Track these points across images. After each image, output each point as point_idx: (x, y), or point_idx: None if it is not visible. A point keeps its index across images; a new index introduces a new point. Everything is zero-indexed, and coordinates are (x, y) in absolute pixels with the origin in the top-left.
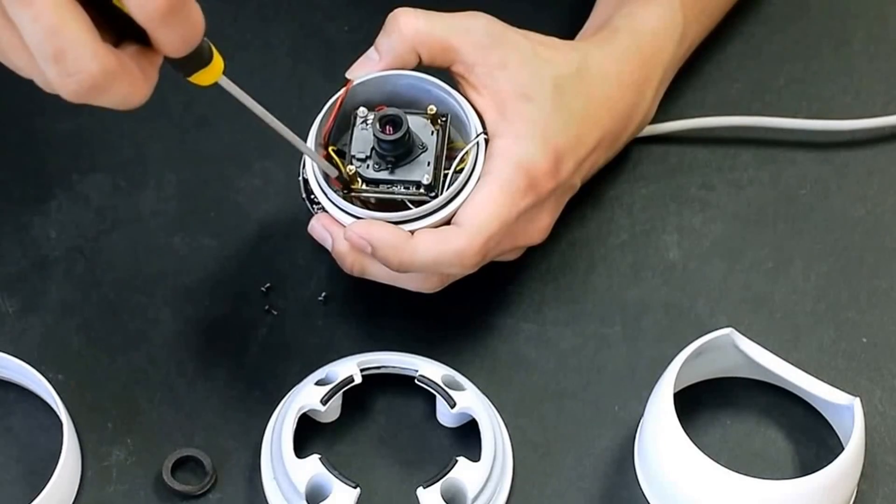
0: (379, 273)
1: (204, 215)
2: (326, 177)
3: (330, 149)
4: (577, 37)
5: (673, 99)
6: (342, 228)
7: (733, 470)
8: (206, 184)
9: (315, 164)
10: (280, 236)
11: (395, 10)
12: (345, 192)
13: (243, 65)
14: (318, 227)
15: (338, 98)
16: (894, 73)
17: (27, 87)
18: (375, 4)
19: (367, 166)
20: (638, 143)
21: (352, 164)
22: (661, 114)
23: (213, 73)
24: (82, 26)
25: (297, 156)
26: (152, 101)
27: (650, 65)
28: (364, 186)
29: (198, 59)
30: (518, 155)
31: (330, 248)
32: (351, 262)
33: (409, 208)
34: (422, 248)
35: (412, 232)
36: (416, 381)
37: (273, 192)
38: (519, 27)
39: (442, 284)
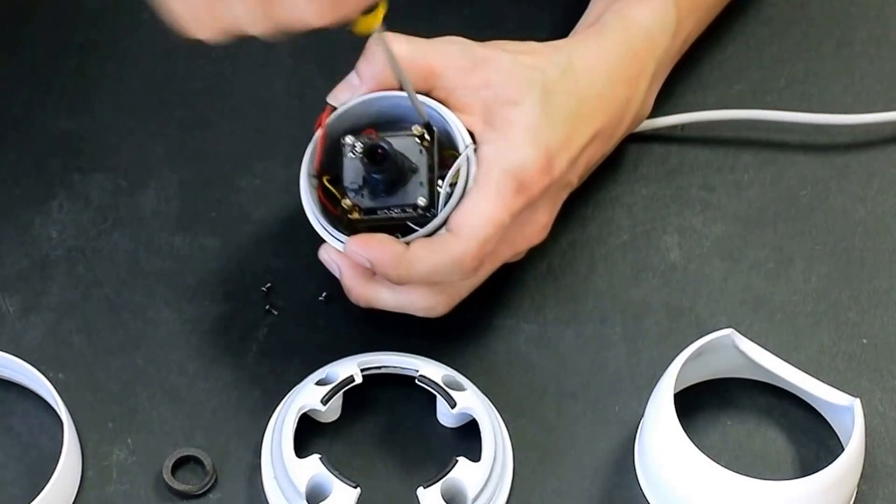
0: (386, 302)
1: (205, 215)
2: (324, 209)
3: (324, 179)
4: (570, 35)
5: (673, 99)
6: (348, 260)
7: (733, 471)
8: (207, 184)
9: (311, 198)
10: (280, 236)
11: (375, 35)
12: (345, 223)
13: (245, 64)
14: (327, 258)
15: (321, 131)
16: (895, 74)
17: (28, 87)
18: None
19: (363, 196)
20: (638, 144)
21: (346, 196)
22: (661, 115)
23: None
24: None
25: (298, 156)
26: (153, 101)
27: (641, 58)
28: (363, 216)
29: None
30: (506, 159)
31: (339, 278)
32: (357, 295)
33: (409, 229)
34: (419, 259)
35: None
36: (416, 381)
37: (274, 192)
38: (518, 27)
39: (448, 307)
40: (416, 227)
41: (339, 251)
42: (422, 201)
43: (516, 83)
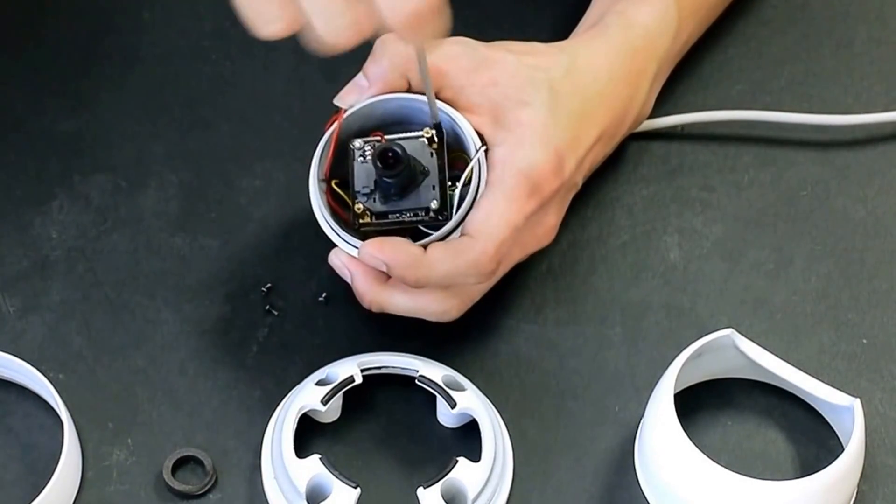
0: (399, 307)
1: (205, 215)
2: (334, 214)
3: (333, 182)
4: (571, 35)
5: (673, 100)
6: (360, 265)
7: (733, 471)
8: (207, 184)
9: (321, 201)
10: (280, 236)
11: (384, 37)
12: (356, 227)
13: (245, 64)
14: (338, 263)
15: (332, 132)
16: (895, 74)
17: (28, 88)
18: None
19: (374, 200)
20: (639, 144)
21: (357, 200)
22: (661, 115)
23: None
24: None
25: (299, 156)
26: (153, 102)
27: (642, 58)
28: (374, 220)
29: None
30: (519, 161)
31: (350, 283)
32: (369, 300)
33: (418, 232)
34: (437, 262)
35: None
36: (416, 381)
37: (273, 193)
38: (518, 27)
39: (461, 311)
40: (427, 231)
41: (350, 256)
42: (434, 204)
43: (523, 83)
